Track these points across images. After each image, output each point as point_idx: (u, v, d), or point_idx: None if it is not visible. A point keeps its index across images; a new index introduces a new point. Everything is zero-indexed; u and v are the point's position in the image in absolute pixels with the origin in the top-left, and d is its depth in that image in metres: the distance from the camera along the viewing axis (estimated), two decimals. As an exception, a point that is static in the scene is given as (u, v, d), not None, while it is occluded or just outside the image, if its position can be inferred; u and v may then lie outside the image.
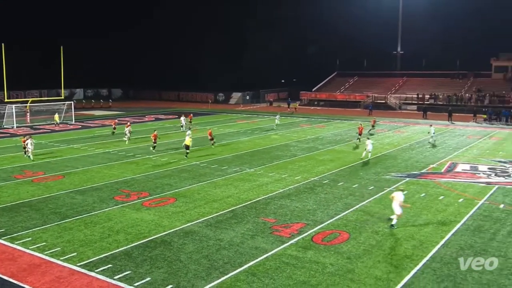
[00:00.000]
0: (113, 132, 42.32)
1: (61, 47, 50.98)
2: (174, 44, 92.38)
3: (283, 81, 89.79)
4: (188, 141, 31.49)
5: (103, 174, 26.99)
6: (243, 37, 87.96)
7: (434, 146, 37.04)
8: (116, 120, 46.41)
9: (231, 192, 22.99)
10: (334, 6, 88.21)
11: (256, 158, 31.84)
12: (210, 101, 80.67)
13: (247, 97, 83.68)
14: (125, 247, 15.87)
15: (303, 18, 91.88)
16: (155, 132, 34.78)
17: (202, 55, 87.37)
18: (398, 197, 17.79)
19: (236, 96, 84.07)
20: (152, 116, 61.00)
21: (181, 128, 45.67)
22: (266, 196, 22.28)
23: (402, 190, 18.32)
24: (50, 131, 46.23)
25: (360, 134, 37.61)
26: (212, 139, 36.16)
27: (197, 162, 30.19)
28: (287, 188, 23.68)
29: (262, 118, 58.21)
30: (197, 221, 18.63)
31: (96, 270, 14.05)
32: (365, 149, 31.51)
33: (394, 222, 17.96)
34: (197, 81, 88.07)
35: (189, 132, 35.85)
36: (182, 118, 46.75)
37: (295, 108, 66.31)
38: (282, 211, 19.96)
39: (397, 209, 17.77)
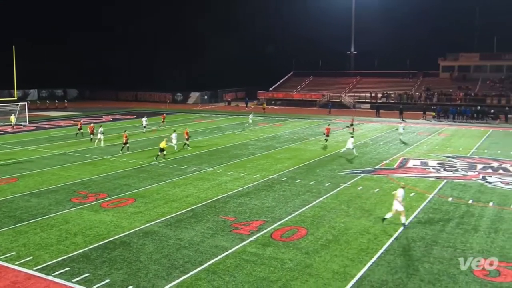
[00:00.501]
0: (77, 134, 41.09)
1: (13, 47, 49.32)
2: (131, 43, 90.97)
3: None
4: (163, 143, 30.78)
5: (59, 176, 26.42)
6: (201, 36, 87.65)
7: (404, 143, 38.12)
8: (81, 121, 45.15)
9: (191, 191, 23.01)
10: (290, 7, 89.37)
11: (215, 157, 31.94)
12: (168, 101, 79.88)
13: (205, 97, 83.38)
14: (83, 250, 15.67)
15: (260, 18, 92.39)
16: (126, 133, 34.13)
17: (160, 54, 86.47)
18: (398, 194, 17.95)
19: (194, 95, 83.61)
20: (109, 116, 59.88)
21: (143, 129, 44.49)
22: (226, 194, 22.43)
23: (403, 187, 18.47)
24: (3, 133, 44.74)
25: (327, 135, 37.24)
26: (187, 139, 35.32)
27: (156, 162, 30.01)
28: (246, 187, 23.91)
29: (221, 118, 58.28)
30: (157, 221, 18.57)
31: (53, 274, 13.83)
32: (346, 147, 32.34)
33: (387, 216, 18.06)
34: (154, 80, 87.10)
35: (174, 135, 34.78)
36: (144, 119, 45.68)
37: (264, 108, 65.96)
38: (242, 209, 20.16)
39: (397, 206, 17.82)
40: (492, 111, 56.36)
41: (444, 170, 28.07)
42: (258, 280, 13.53)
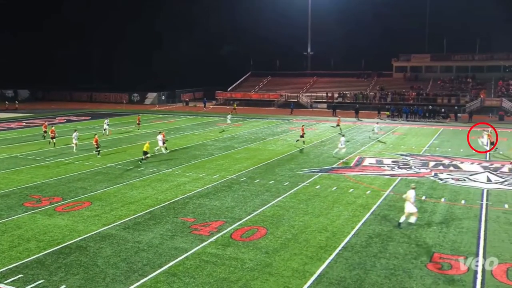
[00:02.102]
0: (44, 136, 39.67)
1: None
2: (85, 42, 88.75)
3: None
4: (146, 146, 29.90)
5: (10, 179, 25.50)
6: (158, 36, 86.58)
7: (380, 141, 38.95)
8: (46, 123, 43.44)
9: (149, 193, 22.72)
10: (247, 7, 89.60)
11: (173, 158, 31.62)
12: (124, 102, 78.43)
13: (163, 97, 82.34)
14: (37, 255, 15.20)
15: (216, 18, 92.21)
16: (96, 137, 33.09)
17: (116, 54, 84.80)
18: (410, 195, 18.00)
19: (151, 96, 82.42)
20: (63, 117, 58.20)
21: (104, 131, 42.64)
22: (185, 196, 22.26)
23: (414, 188, 18.52)
24: None
25: (302, 136, 37.12)
26: (164, 142, 34.28)
27: (113, 164, 29.44)
28: (205, 187, 23.81)
29: (179, 118, 57.73)
30: (114, 224, 18.24)
31: (5, 282, 13.35)
32: (339, 146, 32.64)
33: (401, 220, 18.03)
34: (110, 81, 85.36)
35: (160, 137, 33.52)
36: (106, 121, 43.91)
37: (234, 109, 65.03)
38: (201, 210, 20.06)
39: (409, 208, 17.89)
40: (443, 110, 58.39)
41: (398, 168, 28.83)
42: (218, 281, 13.50)
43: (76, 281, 13.41)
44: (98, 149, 32.02)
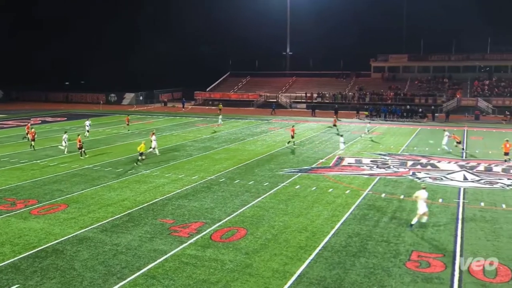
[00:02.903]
0: (25, 137, 38.62)
1: None
2: (61, 41, 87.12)
3: None
4: (141, 146, 29.44)
5: (-17, 182, 24.92)
6: (135, 35, 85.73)
7: (374, 141, 39.19)
8: (29, 124, 42.05)
9: (127, 195, 22.46)
10: (225, 7, 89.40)
11: (152, 159, 31.29)
12: (101, 102, 77.32)
13: (141, 98, 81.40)
14: (11, 260, 14.89)
15: (195, 18, 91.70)
16: (79, 137, 32.47)
17: (92, 54, 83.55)
18: (422, 195, 18.01)
19: (129, 96, 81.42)
20: (38, 118, 57.09)
21: (86, 133, 41.46)
22: (164, 197, 22.08)
23: (424, 188, 18.67)
24: None
25: (292, 137, 36.41)
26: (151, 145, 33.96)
27: (90, 166, 29.02)
28: (184, 188, 23.64)
29: (157, 119, 57.23)
30: (92, 226, 17.99)
31: (-22, 287, 13.07)
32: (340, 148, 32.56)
33: (414, 222, 17.95)
34: (87, 81, 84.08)
35: (154, 137, 33.20)
36: (87, 123, 42.82)
37: (220, 109, 63.72)
38: (180, 211, 19.91)
39: (422, 208, 17.88)
40: (420, 110, 59.07)
41: (377, 167, 29.07)
42: (198, 283, 13.40)
43: (53, 285, 13.19)
44: (82, 149, 31.48)
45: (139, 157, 29.30)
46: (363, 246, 16.09)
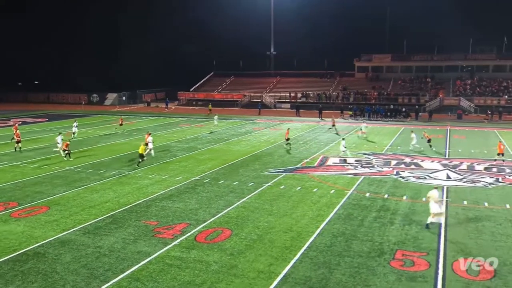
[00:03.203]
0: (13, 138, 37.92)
1: None
2: (42, 41, 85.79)
3: None
4: (142, 148, 28.87)
5: (-39, 185, 24.41)
6: (118, 35, 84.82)
7: (369, 141, 39.19)
8: (17, 125, 41.22)
9: (110, 196, 22.21)
10: (209, 7, 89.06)
11: (135, 160, 30.92)
12: (83, 102, 76.30)
13: (124, 98, 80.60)
14: (-8, 263, 14.58)
15: (179, 18, 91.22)
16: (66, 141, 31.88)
17: (74, 54, 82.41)
18: (434, 195, 17.99)
19: (111, 96, 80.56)
20: (18, 119, 56.04)
21: (73, 135, 40.15)
22: (147, 198, 21.87)
23: (436, 188, 18.70)
24: None
25: (287, 139, 35.88)
26: (146, 144, 33.44)
27: (72, 167, 28.61)
28: (168, 189, 23.45)
29: (140, 119, 56.75)
30: (74, 229, 17.74)
31: (-43, 292, 12.79)
32: (341, 150, 31.96)
33: (429, 221, 17.90)
34: (68, 81, 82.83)
35: (151, 139, 32.72)
36: (74, 124, 41.62)
37: (210, 110, 63.00)
38: (164, 212, 19.75)
39: (434, 208, 17.82)
40: (403, 109, 59.55)
41: (361, 166, 29.18)
42: (183, 285, 13.31)
43: (34, 290, 12.93)
44: (66, 151, 30.86)
45: (140, 159, 28.72)
46: (348, 246, 16.12)
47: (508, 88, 65.91)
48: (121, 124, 46.37)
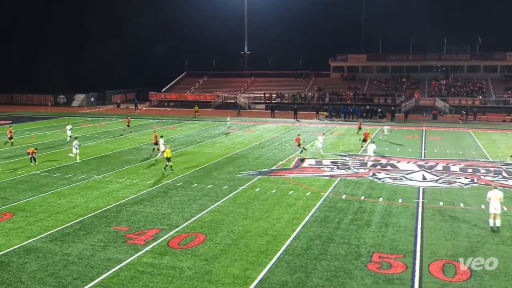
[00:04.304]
0: (7, 143, 36.61)
1: None
2: (5, 39, 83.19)
3: None
4: (167, 152, 27.58)
5: None
6: (85, 34, 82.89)
7: (391, 143, 38.32)
8: (11, 128, 39.21)
9: (78, 201, 21.55)
10: (181, 5, 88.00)
11: (104, 163, 30.23)
12: (49, 104, 74.32)
13: (92, 99, 78.62)
14: (-49, 274, 13.87)
15: (148, 17, 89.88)
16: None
17: (39, 52, 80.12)
18: (497, 195, 17.54)
19: (79, 97, 78.60)
20: (-22, 122, 54.25)
21: (68, 138, 38.25)
22: (117, 203, 21.30)
23: (496, 187, 18.32)
24: None
25: (299, 145, 34.13)
26: (156, 143, 32.92)
27: (37, 171, 27.69)
28: (139, 194, 22.90)
29: (110, 121, 55.58)
30: (40, 236, 17.13)
31: None
32: (368, 154, 31.17)
33: (491, 224, 17.58)
34: (33, 81, 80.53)
35: (162, 140, 32.02)
36: (68, 127, 39.27)
37: (196, 111, 61.08)
38: (135, 217, 19.24)
39: (495, 207, 17.44)
40: (379, 110, 59.87)
41: (337, 168, 29.05)
42: (155, 292, 12.89)
43: (-3, 301, 12.37)
44: (33, 156, 29.57)
45: (167, 163, 27.60)
46: (324, 249, 15.94)
47: (482, 89, 67.21)
48: (128, 125, 45.48)
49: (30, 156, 29.58)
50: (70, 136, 38.41)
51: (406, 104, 63.80)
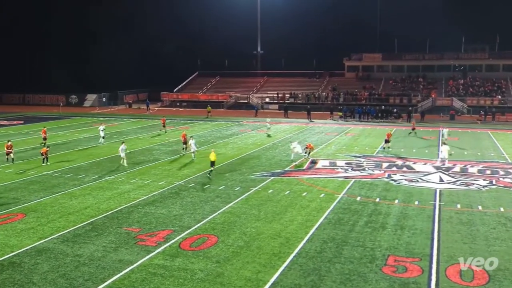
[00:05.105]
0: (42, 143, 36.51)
1: None
2: (17, 41, 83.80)
3: None
4: (212, 155, 26.76)
5: None
6: (97, 34, 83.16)
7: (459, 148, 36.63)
8: (45, 129, 39.10)
9: (90, 202, 21.52)
10: (193, 5, 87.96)
11: (116, 164, 30.16)
12: (61, 104, 74.64)
13: (104, 99, 78.79)
14: (-37, 274, 13.90)
15: (162, 16, 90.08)
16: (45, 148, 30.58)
17: (50, 53, 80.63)
18: None
19: (91, 98, 78.83)
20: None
21: (101, 139, 38.11)
22: (129, 204, 21.23)
23: None
24: None
25: (387, 141, 34.56)
26: (185, 142, 33.24)
27: (49, 172, 27.74)
28: (151, 195, 22.82)
29: (121, 121, 55.68)
30: (52, 237, 17.11)
31: None
32: (441, 156, 30.52)
33: None
34: (45, 82, 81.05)
35: (193, 142, 31.62)
36: (101, 128, 39.08)
37: (209, 112, 60.76)
38: (147, 219, 19.15)
39: None
40: (395, 110, 59.06)
41: (352, 169, 28.69)
42: (166, 295, 12.80)
43: (8, 302, 12.37)
44: (45, 155, 29.61)
45: (212, 167, 26.75)
46: (338, 252, 15.70)
47: (501, 88, 66.06)
48: (164, 126, 45.53)
49: (43, 156, 29.64)
50: (103, 137, 38.27)
51: (422, 104, 63.00)
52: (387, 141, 35.28)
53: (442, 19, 74.17)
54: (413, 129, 43.25)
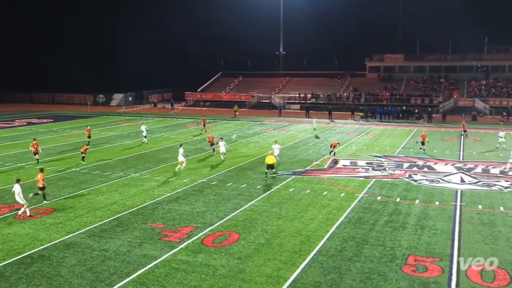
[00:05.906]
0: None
1: None
2: (47, 41, 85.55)
3: None
4: (271, 159, 26.18)
5: (-35, 186, 24.24)
6: (123, 35, 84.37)
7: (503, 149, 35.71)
8: (89, 127, 40.13)
9: (116, 198, 21.99)
10: (218, 6, 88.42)
11: (141, 161, 30.76)
12: (89, 103, 76.04)
13: (130, 98, 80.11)
14: (-4, 266, 14.40)
15: (184, 17, 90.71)
16: (85, 146, 31.28)
17: (79, 53, 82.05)
18: None
19: (117, 97, 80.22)
20: (23, 120, 55.99)
21: (144, 139, 38.43)
22: (153, 201, 21.62)
23: None
24: None
25: (423, 143, 34.20)
26: (213, 144, 33.65)
27: (77, 169, 28.45)
28: (175, 192, 23.18)
29: (147, 120, 56.37)
30: (79, 231, 17.55)
31: (-40, 295, 12.58)
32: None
33: None
34: (74, 81, 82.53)
35: (223, 143, 31.11)
36: (143, 127, 39.09)
37: (236, 111, 60.89)
38: (171, 215, 19.48)
39: None
40: (416, 111, 58.56)
41: (372, 169, 28.66)
42: (189, 290, 13.03)
43: (38, 293, 12.76)
44: (83, 155, 30.21)
45: (267, 170, 26.29)
46: (358, 250, 15.77)
47: (525, 89, 64.83)
48: (204, 125, 46.00)
49: (83, 154, 30.25)
50: (145, 137, 38.49)
51: (444, 105, 62.20)
52: (423, 143, 34.61)
53: (465, 19, 72.91)
54: (464, 131, 42.45)
